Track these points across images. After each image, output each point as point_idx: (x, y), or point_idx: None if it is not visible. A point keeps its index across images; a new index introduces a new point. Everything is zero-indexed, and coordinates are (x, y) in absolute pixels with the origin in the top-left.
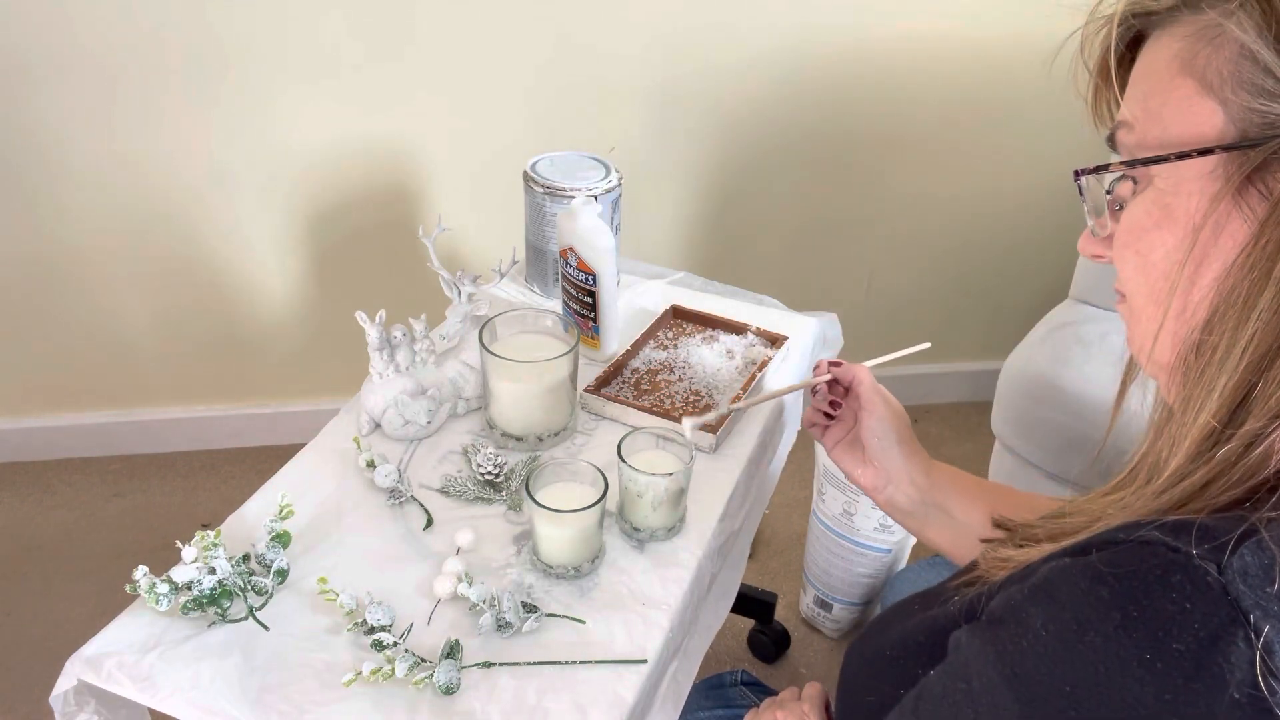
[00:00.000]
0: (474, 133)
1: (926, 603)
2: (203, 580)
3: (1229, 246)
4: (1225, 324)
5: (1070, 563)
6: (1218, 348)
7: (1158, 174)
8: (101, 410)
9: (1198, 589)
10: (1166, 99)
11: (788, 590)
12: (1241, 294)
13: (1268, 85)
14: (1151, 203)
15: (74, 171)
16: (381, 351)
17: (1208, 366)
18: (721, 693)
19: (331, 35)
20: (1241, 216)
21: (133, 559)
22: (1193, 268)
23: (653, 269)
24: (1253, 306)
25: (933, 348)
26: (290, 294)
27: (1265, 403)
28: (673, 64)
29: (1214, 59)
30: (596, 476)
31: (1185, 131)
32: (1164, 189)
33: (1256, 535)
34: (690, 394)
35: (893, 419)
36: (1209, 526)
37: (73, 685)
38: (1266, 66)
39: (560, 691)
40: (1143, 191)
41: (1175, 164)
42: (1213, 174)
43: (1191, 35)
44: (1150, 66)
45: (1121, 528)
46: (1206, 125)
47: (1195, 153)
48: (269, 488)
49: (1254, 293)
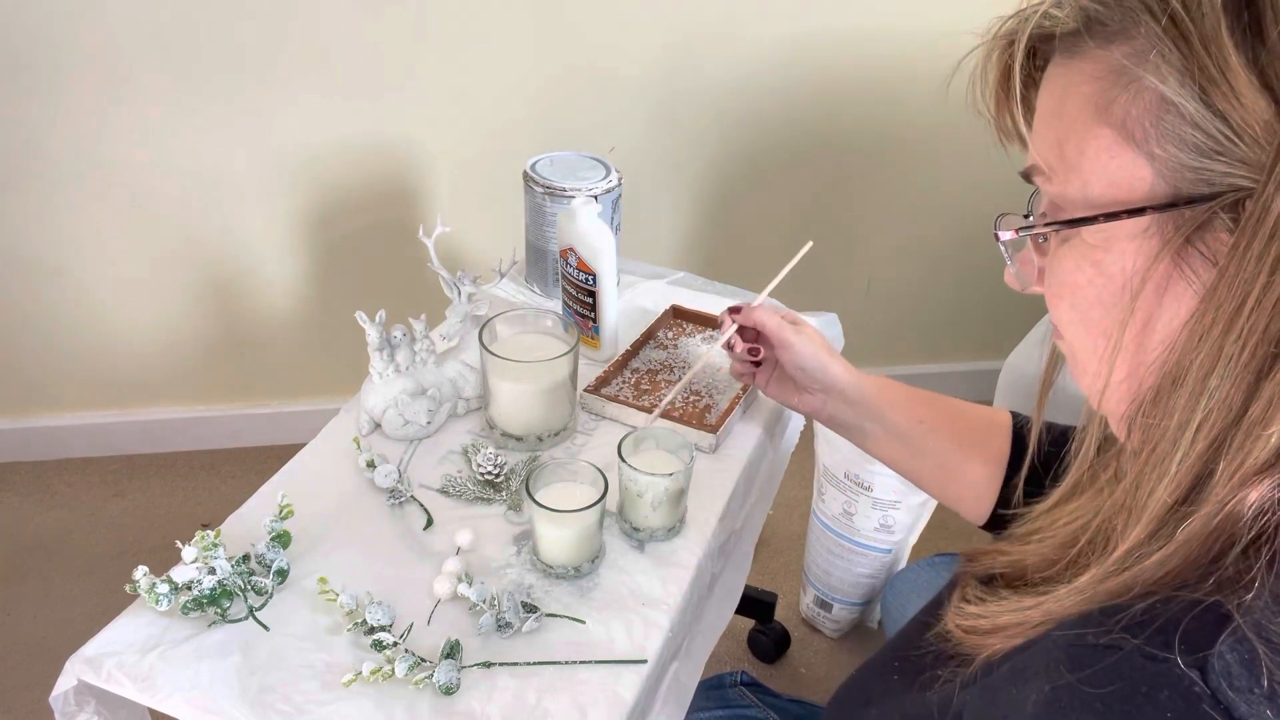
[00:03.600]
0: (474, 133)
1: (905, 670)
2: (203, 580)
3: (1174, 310)
4: (1175, 403)
5: (1051, 692)
6: (1169, 428)
7: (1085, 230)
8: (101, 410)
9: (1189, 704)
10: (1083, 149)
11: (788, 590)
12: (1191, 373)
13: (1198, 140)
14: (1081, 257)
15: (73, 171)
16: (381, 351)
17: (1160, 444)
18: (721, 693)
19: (332, 35)
20: (1185, 280)
21: (133, 559)
22: (1136, 329)
23: (653, 269)
24: (1202, 388)
25: (933, 348)
26: (290, 294)
27: (1228, 482)
28: (673, 64)
29: (1133, 108)
30: (596, 476)
31: (1110, 189)
32: (1094, 245)
33: (1232, 625)
34: (690, 394)
35: (806, 346)
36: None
37: (73, 685)
38: (1194, 121)
39: (560, 691)
40: (1070, 240)
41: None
42: (1147, 233)
43: (1103, 77)
44: (1060, 105)
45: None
46: (1134, 181)
47: (1125, 214)
48: (269, 488)
49: (1203, 371)
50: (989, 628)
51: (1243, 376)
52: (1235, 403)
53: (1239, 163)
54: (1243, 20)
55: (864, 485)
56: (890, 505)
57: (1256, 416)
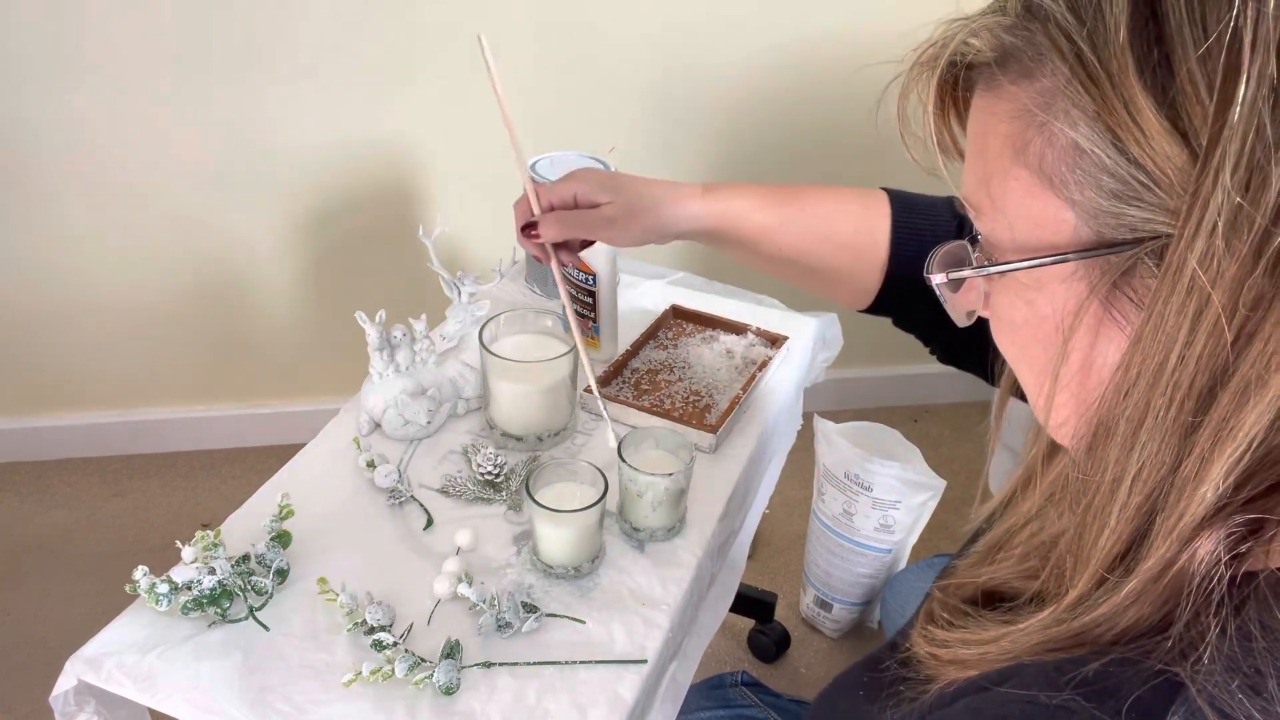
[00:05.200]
0: (474, 133)
1: (871, 687)
2: (203, 580)
3: (1106, 354)
4: (1109, 454)
5: None
6: (1104, 481)
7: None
8: (101, 410)
9: None
10: (1005, 189)
11: (788, 590)
12: (1121, 423)
13: (1115, 187)
14: (1015, 295)
15: (73, 171)
16: (381, 351)
17: (1097, 495)
18: (722, 693)
19: (332, 35)
20: (1115, 324)
21: (133, 559)
22: (1074, 369)
23: (653, 269)
24: (1133, 442)
25: None
26: (290, 294)
27: (1167, 537)
28: (673, 64)
29: (1048, 152)
30: (596, 476)
31: (1035, 231)
32: (1027, 284)
33: (1184, 695)
34: (690, 394)
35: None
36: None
37: (73, 685)
38: (1107, 168)
39: (560, 691)
40: (1005, 277)
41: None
42: (1075, 276)
43: (1019, 116)
44: (983, 144)
45: (1043, 686)
46: (1058, 224)
47: (1050, 260)
48: (269, 488)
49: (1132, 426)
50: (949, 658)
51: (1172, 432)
52: (1166, 459)
53: (1157, 209)
54: (1152, 59)
55: (864, 485)
56: (890, 505)
57: (1189, 474)
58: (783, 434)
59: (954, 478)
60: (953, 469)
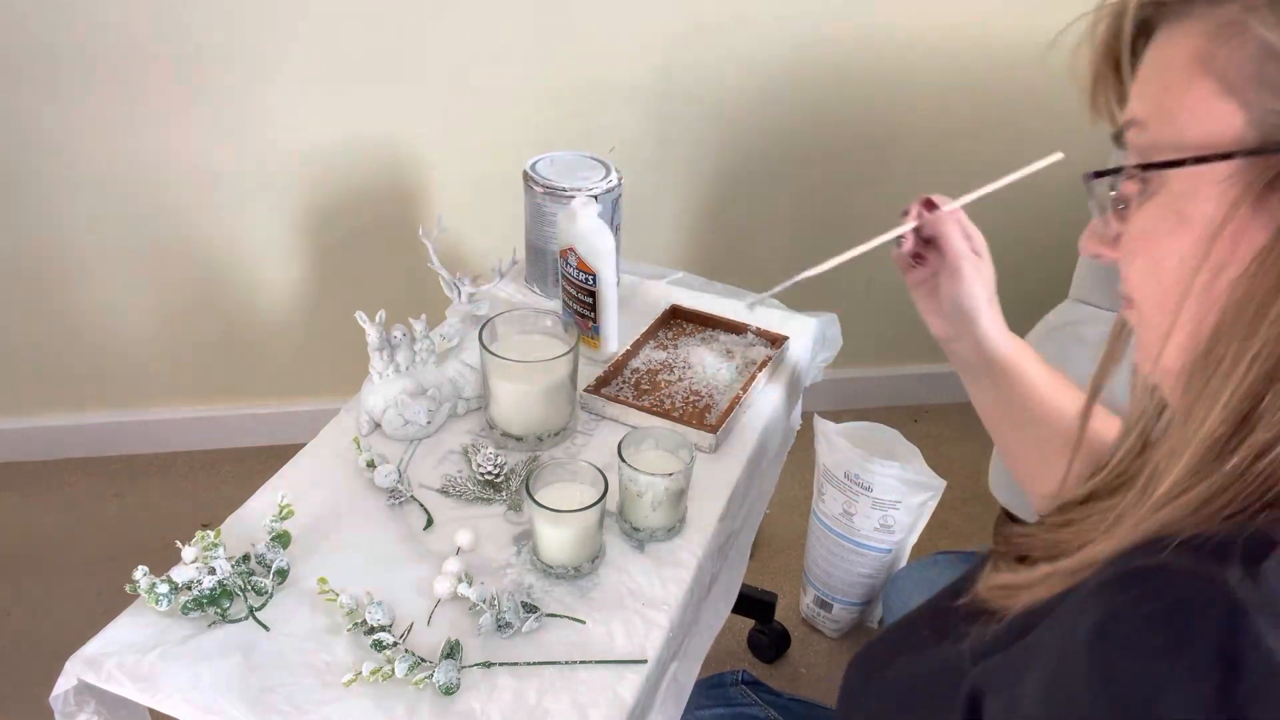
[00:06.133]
0: (474, 133)
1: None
2: (203, 580)
3: (1246, 253)
4: (1235, 333)
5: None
6: (1224, 358)
7: (1173, 178)
8: (101, 410)
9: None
10: (1182, 99)
11: (788, 590)
12: (1254, 302)
13: None
14: (1165, 207)
15: (73, 171)
16: (381, 351)
17: (1213, 377)
18: (722, 691)
19: (331, 34)
20: (1261, 223)
21: (133, 559)
22: (1208, 275)
23: (653, 269)
24: (1263, 316)
25: (933, 348)
26: (290, 294)
27: (1274, 414)
28: (673, 63)
29: (1235, 57)
30: (596, 476)
31: (1202, 134)
32: (1179, 193)
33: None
34: (690, 394)
35: (971, 287)
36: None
37: (73, 685)
38: None
39: (560, 692)
40: (1155, 194)
41: (1192, 168)
42: (1231, 179)
43: (1211, 32)
44: (1165, 62)
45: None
46: (1226, 128)
47: (1214, 157)
48: (269, 488)
49: (1267, 301)
50: (1024, 583)
51: None
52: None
53: None
54: None
55: (864, 485)
56: (890, 505)
57: None
58: (783, 434)
59: (954, 478)
60: (953, 469)
